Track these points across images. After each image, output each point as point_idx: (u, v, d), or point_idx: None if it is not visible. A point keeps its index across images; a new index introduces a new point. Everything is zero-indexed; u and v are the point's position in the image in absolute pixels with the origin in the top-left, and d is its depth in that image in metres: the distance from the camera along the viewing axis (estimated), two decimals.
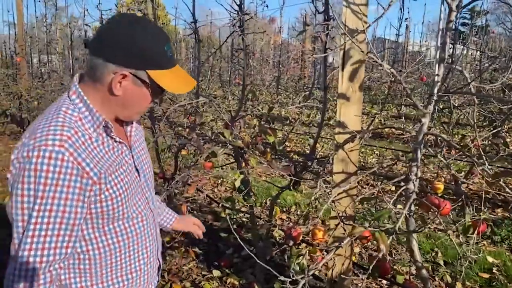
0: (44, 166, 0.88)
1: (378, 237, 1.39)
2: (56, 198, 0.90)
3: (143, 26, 0.95)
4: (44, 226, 0.90)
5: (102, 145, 1.01)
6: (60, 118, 0.95)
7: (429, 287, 1.76)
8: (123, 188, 1.04)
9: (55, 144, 0.90)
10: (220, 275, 2.74)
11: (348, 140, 1.95)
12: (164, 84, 0.98)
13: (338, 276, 2.06)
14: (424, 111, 1.68)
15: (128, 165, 1.09)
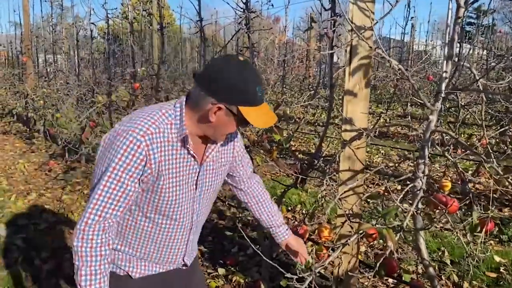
0: (125, 146, 1.13)
1: (385, 234, 1.38)
2: (124, 173, 1.14)
3: (246, 69, 1.16)
4: (110, 190, 1.14)
5: (176, 150, 1.22)
6: (156, 116, 1.19)
7: (436, 285, 1.75)
8: (173, 189, 1.24)
9: (139, 134, 1.14)
10: (226, 273, 2.74)
11: (355, 137, 1.94)
12: (250, 119, 1.16)
13: (344, 274, 2.05)
14: (432, 108, 1.67)
15: (190, 176, 1.28)
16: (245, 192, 1.60)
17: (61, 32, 8.31)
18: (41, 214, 3.89)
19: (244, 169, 1.54)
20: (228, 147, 1.42)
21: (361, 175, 1.99)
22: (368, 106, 2.00)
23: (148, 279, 1.36)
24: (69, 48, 7.18)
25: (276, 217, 1.62)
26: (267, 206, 1.62)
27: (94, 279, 1.15)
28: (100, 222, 1.15)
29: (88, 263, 1.14)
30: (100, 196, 1.14)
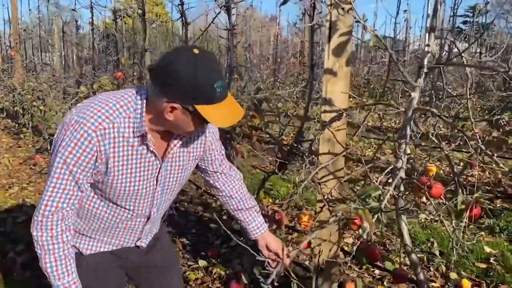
0: (75, 140, 1.08)
1: (361, 214, 1.28)
2: (76, 166, 1.10)
3: (200, 64, 1.04)
4: (64, 182, 1.11)
5: (133, 146, 1.16)
6: (112, 110, 1.12)
7: (419, 272, 1.65)
8: (127, 185, 1.19)
9: (91, 128, 1.08)
10: (206, 265, 2.64)
11: (335, 118, 1.85)
12: (210, 118, 1.07)
13: (325, 262, 1.96)
14: (414, 84, 1.57)
15: (150, 172, 1.22)
16: (216, 188, 1.48)
17: (48, 24, 8.17)
18: (21, 207, 3.78)
19: (216, 163, 1.43)
20: (198, 142, 1.32)
21: (341, 158, 1.89)
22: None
23: (100, 255, 1.34)
24: (55, 41, 7.06)
25: (251, 214, 1.48)
26: (239, 202, 1.48)
27: (60, 264, 1.16)
28: (57, 212, 1.14)
29: (51, 251, 1.14)
30: (54, 188, 1.12)
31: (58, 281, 1.15)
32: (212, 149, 1.37)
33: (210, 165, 1.42)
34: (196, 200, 3.93)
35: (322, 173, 1.91)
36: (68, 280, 1.17)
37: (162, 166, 1.23)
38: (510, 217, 3.29)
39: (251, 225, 1.48)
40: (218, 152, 1.41)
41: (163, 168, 1.24)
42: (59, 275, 1.15)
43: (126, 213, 1.27)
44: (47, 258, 1.14)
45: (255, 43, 9.53)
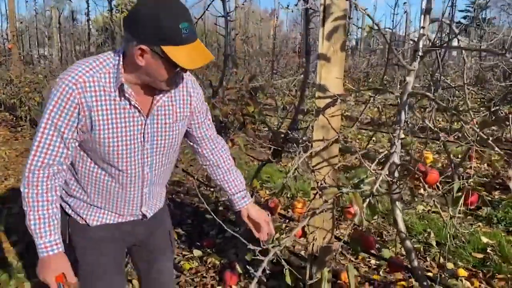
0: (58, 93, 1.13)
1: (351, 198, 1.26)
2: (60, 120, 1.14)
3: (163, 6, 1.07)
4: (49, 137, 1.15)
5: (115, 100, 1.17)
6: (92, 65, 1.16)
7: (413, 258, 1.63)
8: (114, 140, 1.20)
9: (71, 81, 1.12)
10: (201, 255, 2.63)
11: (329, 104, 1.82)
12: (176, 59, 1.08)
13: (319, 250, 1.94)
14: (409, 67, 1.54)
15: (135, 128, 1.23)
16: (204, 157, 1.49)
17: (44, 14, 8.12)
18: (17, 198, 3.75)
19: (203, 127, 1.44)
20: (183, 102, 1.32)
21: (335, 145, 1.86)
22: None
23: (106, 227, 1.36)
24: (53, 33, 7.01)
25: (234, 184, 1.50)
26: (226, 172, 1.50)
27: (43, 222, 1.18)
28: (43, 168, 1.18)
29: (35, 208, 1.18)
30: (40, 143, 1.16)
31: (40, 239, 1.18)
32: (198, 111, 1.38)
33: (197, 129, 1.42)
34: (192, 192, 3.90)
35: (316, 160, 1.88)
36: (50, 240, 1.19)
37: (148, 122, 1.24)
38: (507, 208, 3.27)
39: (236, 195, 1.49)
40: (204, 115, 1.42)
41: (149, 124, 1.25)
42: (41, 234, 1.18)
43: (120, 175, 1.28)
44: (31, 215, 1.18)
45: (254, 36, 9.48)
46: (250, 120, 2.17)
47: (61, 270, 1.20)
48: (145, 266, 1.55)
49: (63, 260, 1.22)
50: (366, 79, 8.43)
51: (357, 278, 2.40)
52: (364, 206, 1.29)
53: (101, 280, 1.37)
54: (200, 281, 2.39)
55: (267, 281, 2.37)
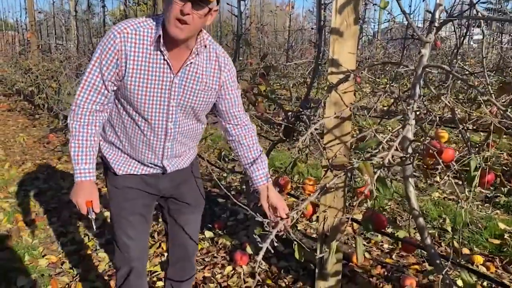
0: (105, 40, 1.30)
1: (361, 167, 1.23)
2: (102, 64, 1.30)
3: None
4: (93, 77, 1.32)
5: (150, 54, 1.30)
6: (138, 21, 1.31)
7: (426, 236, 1.59)
8: (142, 89, 1.32)
9: (117, 31, 1.28)
10: (212, 236, 2.63)
11: (342, 80, 1.78)
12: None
13: (330, 230, 1.91)
14: (424, 39, 1.49)
15: (163, 83, 1.34)
16: (227, 131, 1.56)
17: (62, 9, 8.23)
18: (33, 181, 3.82)
19: (232, 105, 1.50)
20: (213, 74, 1.42)
21: (348, 122, 1.83)
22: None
23: (131, 177, 1.51)
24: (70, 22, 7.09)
25: (257, 163, 1.53)
26: (248, 149, 1.54)
27: (81, 151, 1.35)
28: (87, 103, 1.34)
29: (76, 137, 1.35)
30: (86, 82, 1.33)
31: (76, 165, 1.35)
32: (227, 88, 1.46)
33: (224, 104, 1.49)
34: (205, 177, 3.91)
35: (328, 137, 1.85)
36: (85, 167, 1.35)
37: (175, 80, 1.35)
38: None
39: (256, 173, 1.52)
40: (234, 94, 1.49)
41: (176, 83, 1.35)
42: (78, 160, 1.35)
43: (146, 124, 1.40)
44: (72, 143, 1.35)
45: (269, 25, 9.41)
46: (261, 100, 2.15)
47: (90, 197, 1.36)
48: (171, 219, 1.67)
49: (94, 188, 1.38)
50: (383, 69, 8.28)
51: (369, 261, 2.36)
52: (375, 178, 1.26)
53: (125, 220, 1.53)
54: (211, 261, 2.39)
55: (278, 262, 2.36)
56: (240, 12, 2.39)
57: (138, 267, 1.62)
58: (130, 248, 1.57)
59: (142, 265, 1.67)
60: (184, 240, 1.69)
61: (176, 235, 1.69)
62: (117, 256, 1.62)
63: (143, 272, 1.69)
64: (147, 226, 1.64)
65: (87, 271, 2.35)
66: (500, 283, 1.89)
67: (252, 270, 2.29)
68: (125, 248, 1.57)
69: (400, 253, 2.47)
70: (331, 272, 1.98)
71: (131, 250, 1.57)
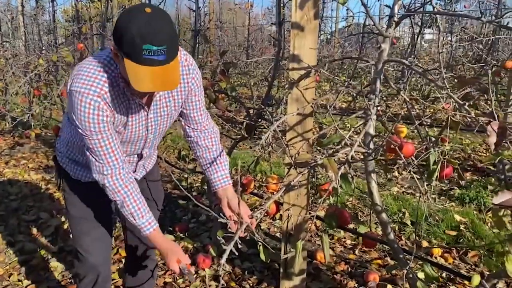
0: (87, 109, 1.17)
1: (326, 164, 1.20)
2: (101, 130, 1.22)
3: (136, 21, 1.04)
4: (104, 149, 1.25)
5: (124, 100, 1.25)
6: (106, 74, 1.19)
7: (389, 232, 1.60)
8: (122, 133, 1.31)
9: (95, 95, 1.17)
10: (173, 239, 2.53)
11: (303, 76, 1.75)
12: (129, 74, 1.08)
13: (294, 228, 1.88)
14: (384, 34, 1.49)
15: (139, 122, 1.32)
16: (186, 132, 1.50)
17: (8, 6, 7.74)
18: None
19: (193, 108, 1.44)
20: (181, 91, 1.36)
21: (310, 118, 1.80)
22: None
23: (96, 184, 1.38)
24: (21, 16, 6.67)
25: (216, 165, 1.48)
26: (208, 151, 1.50)
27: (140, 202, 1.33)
28: (117, 170, 1.30)
29: (129, 192, 1.31)
30: (106, 156, 1.26)
31: (141, 218, 1.31)
32: (193, 93, 1.40)
33: (187, 107, 1.43)
34: (165, 178, 3.79)
35: (290, 135, 1.82)
36: (151, 216, 1.35)
37: (150, 116, 1.33)
38: (479, 187, 3.31)
39: (214, 175, 1.47)
40: (197, 98, 1.43)
41: (151, 118, 1.34)
42: (141, 212, 1.33)
43: (128, 156, 1.44)
44: (127, 200, 1.31)
45: (228, 24, 9.34)
46: (222, 97, 2.08)
47: (176, 253, 1.31)
48: None
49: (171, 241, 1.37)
50: (341, 67, 8.43)
51: (333, 257, 2.36)
52: (339, 174, 1.23)
53: (88, 221, 1.48)
54: None
55: (241, 263, 2.31)
56: (197, 6, 2.31)
57: (104, 272, 1.54)
58: (95, 251, 1.50)
59: (108, 271, 1.59)
60: (143, 239, 1.60)
61: (135, 233, 1.62)
62: (79, 264, 1.53)
63: (109, 275, 1.61)
64: (110, 227, 1.59)
65: (38, 283, 2.20)
66: (458, 273, 1.94)
67: (215, 273, 2.22)
68: (89, 252, 1.49)
69: (363, 248, 2.49)
70: (296, 271, 1.95)
71: (96, 254, 1.50)
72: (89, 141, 1.23)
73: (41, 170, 4.07)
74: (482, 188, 3.29)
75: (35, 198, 3.34)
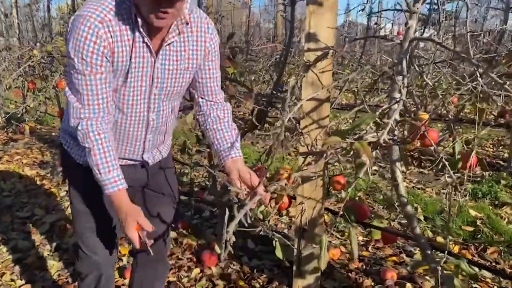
0: (85, 33, 1.07)
1: (358, 147, 1.07)
2: (93, 62, 1.09)
3: None
4: (89, 88, 1.12)
5: (128, 38, 1.12)
6: (115, 2, 1.10)
7: (415, 225, 1.47)
8: (122, 79, 1.16)
9: (97, 20, 1.07)
10: (176, 237, 2.40)
11: (320, 57, 1.62)
12: None
13: (308, 223, 1.75)
14: (412, 9, 1.37)
15: (143, 68, 1.17)
16: (198, 105, 1.35)
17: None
18: None
19: (210, 77, 1.31)
20: (197, 48, 1.24)
21: (326, 104, 1.68)
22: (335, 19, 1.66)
23: None
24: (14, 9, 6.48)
25: (227, 137, 1.31)
26: (220, 122, 1.33)
27: (109, 155, 1.15)
28: (95, 115, 1.15)
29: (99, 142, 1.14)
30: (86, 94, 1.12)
31: (107, 173, 1.14)
32: (209, 58, 1.28)
33: (204, 76, 1.30)
34: None
35: (304, 122, 1.69)
36: (118, 174, 1.16)
37: (157, 65, 1.19)
38: (491, 182, 3.20)
39: (225, 146, 1.28)
40: (215, 65, 1.31)
41: (158, 68, 1.19)
42: (109, 167, 1.14)
43: (123, 116, 1.23)
44: (96, 150, 1.15)
45: (227, 18, 9.20)
46: (230, 83, 1.95)
47: (136, 217, 1.13)
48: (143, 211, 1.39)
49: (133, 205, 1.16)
50: (341, 62, 8.29)
51: (346, 254, 2.24)
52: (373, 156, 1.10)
53: (92, 216, 1.33)
54: (176, 263, 2.16)
55: (249, 261, 2.18)
56: None
57: (107, 272, 1.41)
58: (99, 249, 1.36)
59: (111, 271, 1.45)
60: (157, 235, 1.46)
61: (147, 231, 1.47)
62: (81, 261, 1.39)
63: (112, 275, 1.47)
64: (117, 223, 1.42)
65: (32, 282, 2.06)
66: (498, 272, 1.82)
67: (222, 271, 2.09)
68: (92, 249, 1.36)
69: (376, 245, 2.36)
70: (310, 269, 1.82)
71: (100, 252, 1.36)
72: (75, 76, 1.10)
73: (36, 166, 3.91)
74: (494, 183, 3.18)
75: (30, 194, 3.19)
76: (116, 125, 1.25)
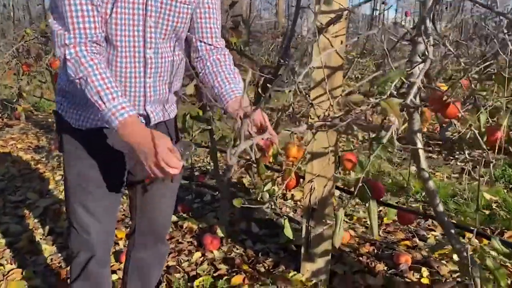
0: None
1: (385, 106, 0.93)
2: None
3: None
4: (73, 9, 1.01)
5: None
6: None
7: (437, 202, 1.35)
8: (110, 5, 1.04)
9: None
10: (176, 220, 2.27)
11: (333, 20, 1.49)
12: None
13: (318, 202, 1.63)
14: None
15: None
16: (200, 54, 1.24)
17: None
18: None
19: (209, 17, 1.21)
20: None
21: (339, 72, 1.54)
22: None
23: (99, 133, 1.17)
24: None
25: (229, 78, 1.19)
26: (220, 65, 1.21)
27: (109, 81, 1.04)
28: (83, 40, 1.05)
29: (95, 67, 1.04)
30: None
31: (112, 100, 1.01)
32: (210, 2, 1.19)
33: (203, 15, 1.20)
34: None
35: (315, 92, 1.56)
36: (125, 101, 1.04)
37: None
38: (504, 166, 3.08)
39: (227, 86, 1.17)
40: (217, 11, 1.22)
41: None
42: (112, 93, 1.02)
43: (117, 52, 1.10)
44: (93, 76, 1.03)
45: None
46: (233, 52, 1.81)
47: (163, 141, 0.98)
48: (143, 189, 1.31)
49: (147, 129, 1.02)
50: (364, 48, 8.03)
51: (355, 238, 2.12)
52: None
53: (85, 190, 1.20)
54: (176, 247, 2.04)
55: (253, 245, 2.06)
56: None
57: (100, 254, 1.26)
58: (91, 228, 1.22)
59: (107, 251, 1.31)
60: (158, 214, 1.35)
61: (149, 207, 1.34)
62: (73, 238, 1.25)
63: (107, 260, 1.33)
64: (116, 201, 1.28)
65: (23, 267, 1.94)
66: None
67: (225, 255, 1.97)
68: (84, 227, 1.22)
69: (387, 229, 2.24)
70: (319, 252, 1.70)
71: (92, 231, 1.23)
72: None
73: (31, 151, 3.78)
74: (507, 166, 3.05)
75: (24, 179, 3.07)
76: (111, 66, 1.11)
